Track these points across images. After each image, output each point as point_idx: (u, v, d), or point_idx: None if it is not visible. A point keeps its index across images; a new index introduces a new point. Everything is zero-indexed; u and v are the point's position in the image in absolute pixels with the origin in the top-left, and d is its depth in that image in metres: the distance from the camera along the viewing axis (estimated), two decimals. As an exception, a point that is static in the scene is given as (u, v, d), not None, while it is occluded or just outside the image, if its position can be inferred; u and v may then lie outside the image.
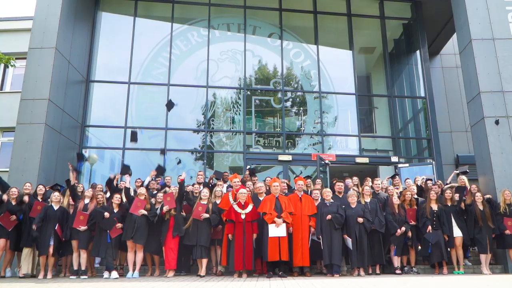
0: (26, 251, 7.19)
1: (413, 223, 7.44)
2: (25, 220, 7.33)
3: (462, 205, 7.59)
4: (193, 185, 8.25)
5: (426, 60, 12.52)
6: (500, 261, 8.10)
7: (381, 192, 7.97)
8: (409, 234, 7.30)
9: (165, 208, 7.09)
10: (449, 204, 7.54)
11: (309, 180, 8.43)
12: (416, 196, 7.91)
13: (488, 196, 7.88)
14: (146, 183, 8.52)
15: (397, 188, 8.20)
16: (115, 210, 7.14)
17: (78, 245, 6.93)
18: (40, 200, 7.51)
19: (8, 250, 7.30)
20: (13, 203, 7.31)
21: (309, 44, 12.66)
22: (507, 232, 7.30)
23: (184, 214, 7.24)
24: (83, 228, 6.90)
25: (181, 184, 7.29)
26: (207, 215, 6.94)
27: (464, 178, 8.14)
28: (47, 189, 7.87)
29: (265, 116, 12.21)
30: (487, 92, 8.97)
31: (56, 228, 7.02)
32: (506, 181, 8.27)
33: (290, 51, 12.64)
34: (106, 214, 6.91)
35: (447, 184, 8.61)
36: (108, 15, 12.38)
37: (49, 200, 7.38)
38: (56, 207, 7.17)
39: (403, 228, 7.23)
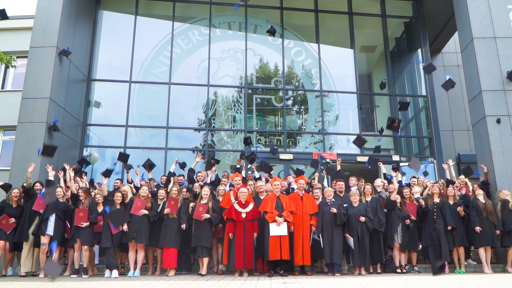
0: (26, 250, 7.16)
1: (413, 218, 7.45)
2: (26, 213, 7.23)
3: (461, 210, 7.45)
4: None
5: (427, 58, 12.51)
6: (501, 260, 8.09)
7: (382, 191, 7.95)
8: (407, 221, 7.26)
9: (166, 211, 7.08)
10: (451, 202, 7.51)
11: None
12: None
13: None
14: (137, 181, 8.52)
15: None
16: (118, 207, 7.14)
17: (81, 242, 6.90)
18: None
19: (8, 250, 7.25)
20: (14, 205, 7.26)
21: (310, 43, 12.66)
22: None
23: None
24: (85, 224, 6.89)
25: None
26: (208, 216, 6.91)
27: (463, 177, 8.11)
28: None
29: (266, 115, 12.20)
30: (488, 90, 8.96)
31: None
32: (507, 180, 8.27)
33: (291, 49, 12.62)
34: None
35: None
36: (109, 13, 12.39)
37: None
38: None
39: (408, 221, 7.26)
